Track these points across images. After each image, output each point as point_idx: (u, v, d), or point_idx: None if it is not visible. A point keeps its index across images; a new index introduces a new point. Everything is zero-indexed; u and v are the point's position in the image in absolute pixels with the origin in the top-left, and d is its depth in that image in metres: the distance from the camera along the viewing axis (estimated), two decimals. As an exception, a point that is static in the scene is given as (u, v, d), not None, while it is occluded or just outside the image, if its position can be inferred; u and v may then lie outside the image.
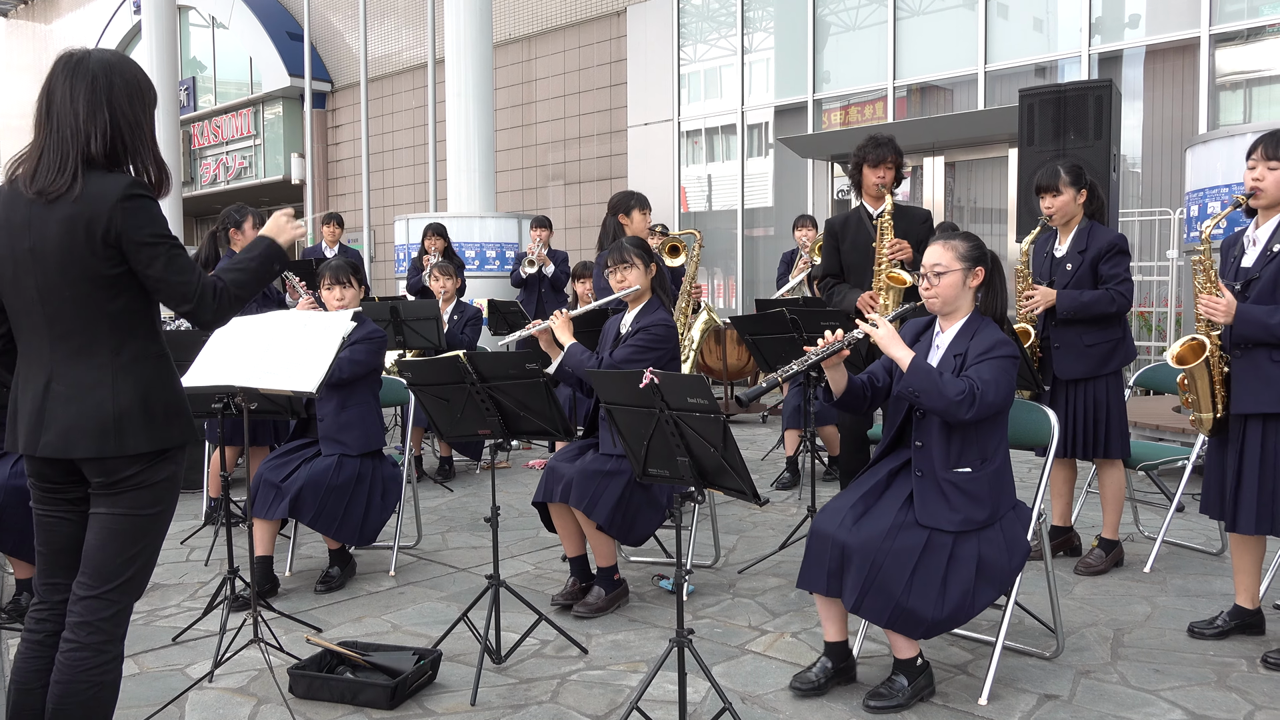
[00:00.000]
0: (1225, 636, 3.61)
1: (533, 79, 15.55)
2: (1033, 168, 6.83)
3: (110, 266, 2.24)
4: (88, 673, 2.28)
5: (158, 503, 2.34)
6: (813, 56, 12.29)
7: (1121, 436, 4.35)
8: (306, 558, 4.85)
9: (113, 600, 2.30)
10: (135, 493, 2.29)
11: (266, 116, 20.17)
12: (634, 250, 4.13)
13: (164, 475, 2.33)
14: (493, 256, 11.17)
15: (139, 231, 2.23)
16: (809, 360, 3.06)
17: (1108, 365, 4.28)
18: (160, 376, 2.34)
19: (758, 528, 5.32)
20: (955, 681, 3.29)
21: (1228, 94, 9.65)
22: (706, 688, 3.20)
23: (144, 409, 2.28)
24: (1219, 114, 9.61)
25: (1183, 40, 9.68)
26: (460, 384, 3.43)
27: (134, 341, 2.31)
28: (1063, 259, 4.35)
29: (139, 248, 2.24)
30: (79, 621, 2.29)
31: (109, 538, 2.29)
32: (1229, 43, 9.53)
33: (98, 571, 2.29)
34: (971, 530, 3.02)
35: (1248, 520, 3.42)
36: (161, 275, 2.26)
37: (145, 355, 2.32)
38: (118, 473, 2.27)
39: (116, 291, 2.27)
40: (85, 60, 2.27)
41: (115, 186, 2.23)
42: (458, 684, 3.33)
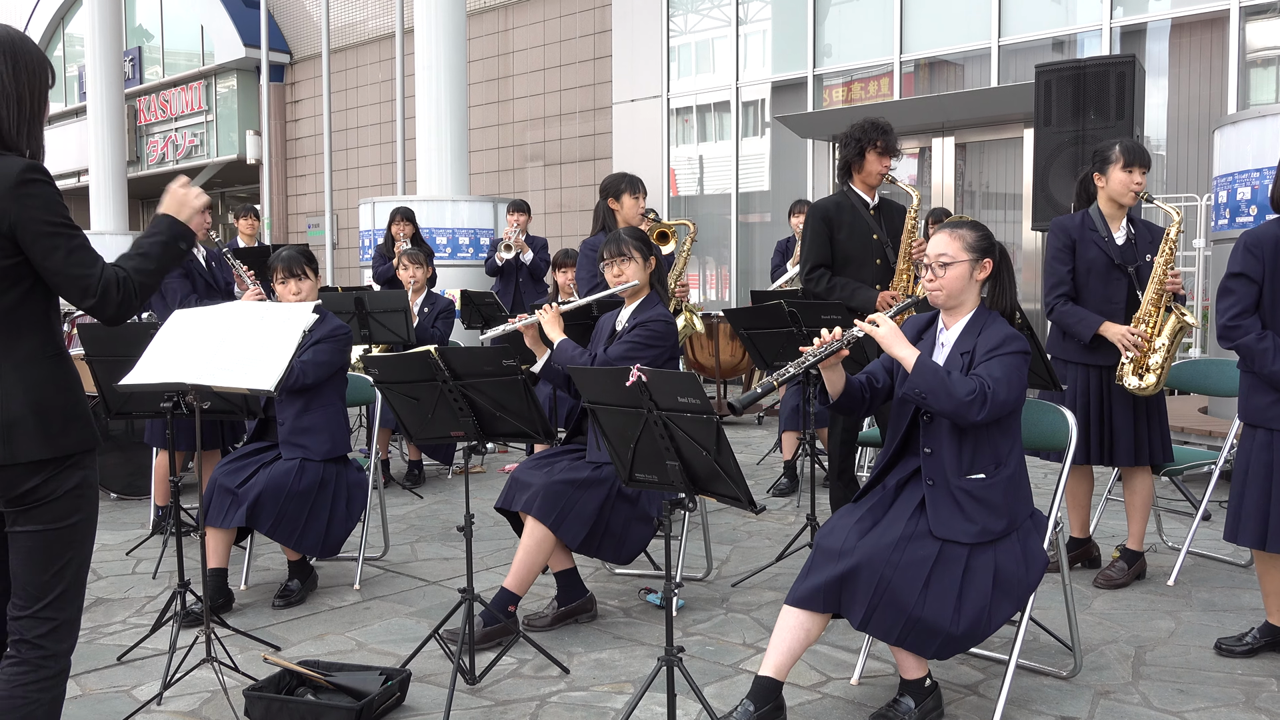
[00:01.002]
0: (1254, 654, 3.64)
1: (510, 51, 15.52)
2: (1049, 150, 6.88)
3: (2, 257, 2.22)
4: (23, 688, 2.30)
5: (74, 512, 2.34)
6: (813, 28, 12.31)
7: (1166, 441, 4.39)
8: (264, 570, 4.84)
9: (47, 618, 2.33)
10: (46, 506, 2.29)
11: (219, 90, 20.09)
12: (633, 243, 4.13)
13: (73, 483, 2.33)
14: (466, 243, 11.15)
15: (37, 220, 2.21)
16: (806, 362, 3.06)
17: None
18: (55, 378, 2.31)
19: (753, 537, 5.34)
20: (965, 703, 3.31)
21: (1259, 71, 9.71)
22: (698, 710, 3.21)
23: (37, 414, 2.26)
24: (1250, 92, 9.67)
25: (1212, 13, 9.73)
26: (431, 382, 3.43)
27: (27, 340, 2.29)
28: (1127, 246, 4.30)
29: (36, 238, 2.21)
30: (17, 640, 2.32)
31: (29, 555, 2.30)
32: (1261, 15, 9.59)
33: (26, 591, 2.31)
34: (988, 541, 3.04)
35: (1245, 533, 3.49)
36: (60, 268, 2.24)
37: (39, 355, 2.30)
38: (17, 485, 2.26)
39: (9, 284, 2.25)
40: None
41: (10, 170, 2.20)
42: (428, 706, 3.33)
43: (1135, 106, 6.79)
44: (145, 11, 21.58)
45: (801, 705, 3.30)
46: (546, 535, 3.82)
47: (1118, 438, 4.32)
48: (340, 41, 17.65)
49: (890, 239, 4.93)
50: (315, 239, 18.04)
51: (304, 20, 18.79)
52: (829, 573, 3.02)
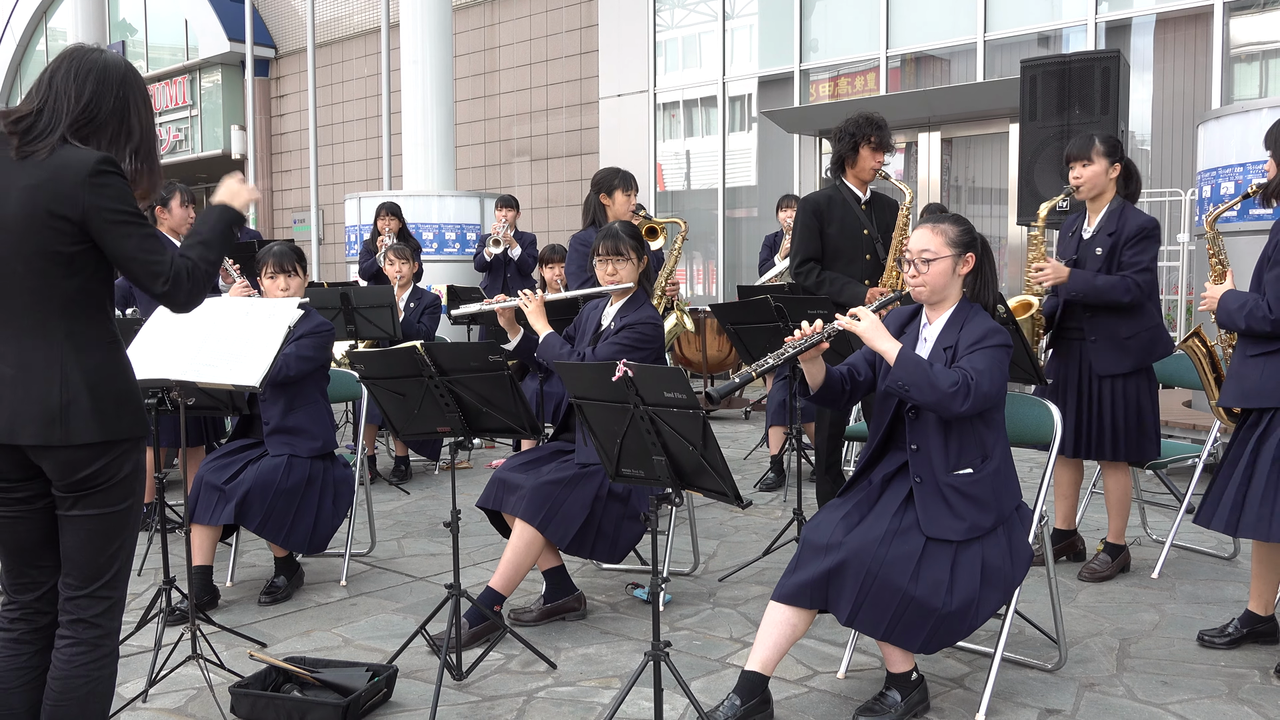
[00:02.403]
0: (1237, 645, 3.67)
1: (496, 46, 15.49)
2: (1035, 145, 6.90)
3: (70, 243, 2.28)
4: (84, 668, 2.39)
5: (127, 497, 2.42)
6: (799, 23, 12.31)
7: (1155, 438, 4.41)
8: (249, 567, 4.83)
9: (103, 597, 2.42)
10: (104, 492, 2.36)
11: (204, 85, 19.98)
12: (630, 242, 4.12)
13: (127, 471, 2.41)
14: (452, 238, 11.13)
15: (109, 209, 2.28)
16: (785, 353, 3.07)
17: (1149, 357, 4.34)
18: (111, 364, 2.38)
19: (740, 532, 5.35)
20: (951, 696, 3.33)
21: (1243, 66, 9.76)
22: (685, 704, 3.22)
23: (93, 397, 2.32)
24: (1234, 87, 9.72)
25: (1196, 8, 9.78)
26: (417, 377, 3.42)
27: (85, 326, 2.35)
28: (1091, 240, 4.38)
29: (109, 225, 2.29)
30: (73, 619, 2.40)
31: (87, 539, 2.38)
32: (1245, 11, 9.64)
33: (82, 572, 2.40)
34: (975, 537, 3.05)
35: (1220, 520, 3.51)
36: (134, 254, 2.32)
37: (98, 340, 2.36)
38: (76, 470, 2.32)
39: (73, 270, 2.31)
40: (91, 54, 2.39)
41: (86, 159, 2.28)
42: (415, 703, 3.33)
43: (1120, 101, 6.81)
44: (129, 6, 21.44)
45: (788, 699, 3.31)
46: (535, 537, 3.82)
47: (1103, 433, 4.35)
48: (325, 36, 17.57)
49: (881, 234, 4.92)
50: (301, 234, 17.97)
51: (289, 15, 18.70)
52: (815, 568, 3.03)
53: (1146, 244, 4.28)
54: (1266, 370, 3.39)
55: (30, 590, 2.44)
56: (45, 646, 2.45)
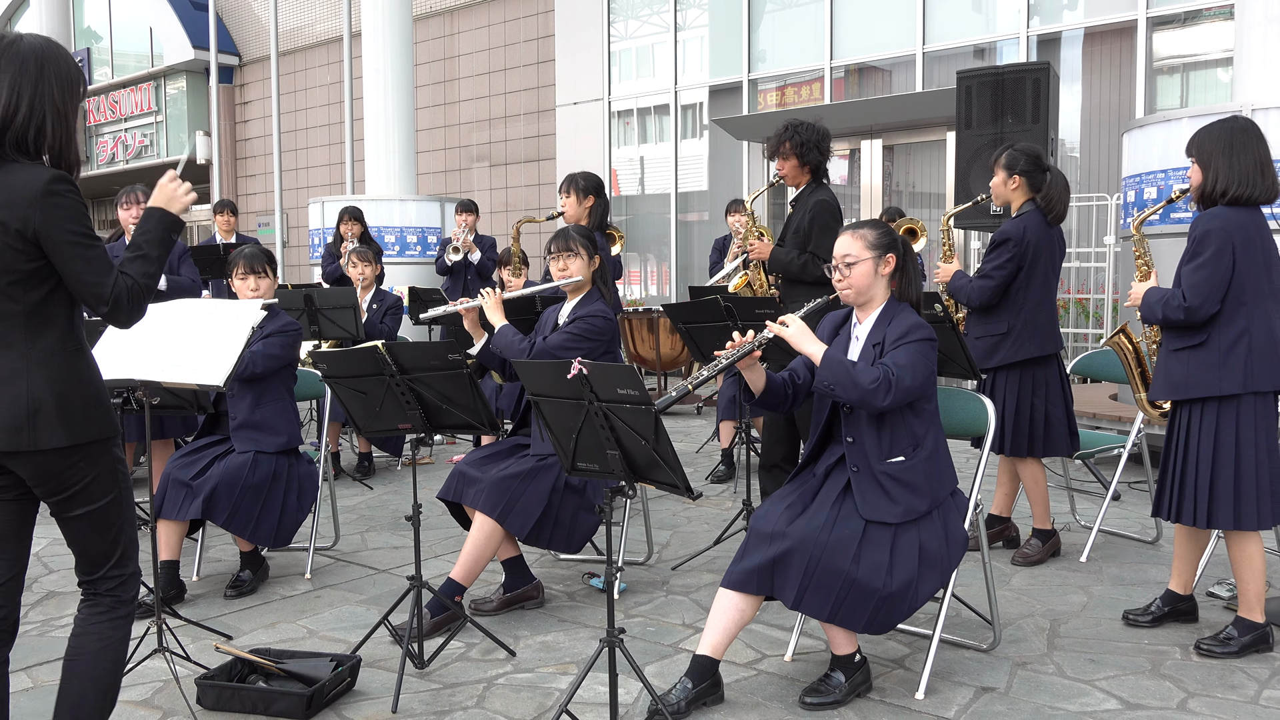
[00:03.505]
0: (1159, 624, 3.75)
1: (455, 55, 15.39)
2: (970, 152, 6.99)
3: (27, 260, 2.28)
4: (95, 625, 2.48)
5: (111, 489, 2.45)
6: (748, 35, 12.36)
7: (1017, 435, 4.44)
8: (215, 561, 4.77)
9: (115, 576, 2.51)
10: (86, 491, 2.40)
11: (169, 91, 19.66)
12: (580, 240, 4.13)
13: (104, 466, 2.43)
14: (414, 241, 11.05)
15: (60, 229, 2.27)
16: (719, 365, 3.09)
17: (990, 359, 4.43)
18: (77, 372, 2.38)
19: (692, 523, 5.37)
20: (892, 676, 3.36)
21: (1164, 78, 9.95)
22: (639, 688, 3.23)
23: (59, 403, 2.32)
24: (1156, 98, 9.90)
25: (1121, 23, 9.95)
26: (379, 376, 3.40)
27: (50, 335, 2.34)
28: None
29: (59, 246, 2.28)
30: (91, 594, 2.50)
31: (86, 533, 2.45)
32: (1166, 26, 9.83)
33: (91, 560, 2.48)
34: (911, 520, 3.09)
35: (1163, 508, 3.58)
36: (79, 276, 2.31)
37: (62, 349, 2.36)
38: (49, 475, 2.35)
39: (33, 285, 2.30)
40: (16, 43, 2.31)
41: (37, 179, 2.26)
42: (378, 691, 3.31)
43: (1050, 111, 6.92)
44: (94, 13, 21.04)
45: (738, 682, 3.33)
46: (495, 529, 3.81)
47: (1019, 429, 4.44)
48: (289, 44, 17.37)
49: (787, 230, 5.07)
50: (265, 237, 17.74)
51: (252, 23, 18.45)
52: (762, 556, 3.05)
53: (997, 252, 4.37)
54: (1193, 363, 3.45)
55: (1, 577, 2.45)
56: (6, 641, 2.49)
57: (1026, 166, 4.44)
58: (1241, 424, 3.42)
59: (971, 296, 4.41)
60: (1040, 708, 3.12)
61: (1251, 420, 3.42)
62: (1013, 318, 4.40)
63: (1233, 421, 3.42)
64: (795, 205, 4.95)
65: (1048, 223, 4.41)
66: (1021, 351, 4.40)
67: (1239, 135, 3.45)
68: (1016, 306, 4.39)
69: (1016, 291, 4.38)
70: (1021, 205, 4.46)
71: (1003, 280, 4.35)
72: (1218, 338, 3.41)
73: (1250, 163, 3.42)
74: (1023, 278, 4.37)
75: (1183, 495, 3.50)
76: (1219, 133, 3.48)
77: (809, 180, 4.89)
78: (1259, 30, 6.40)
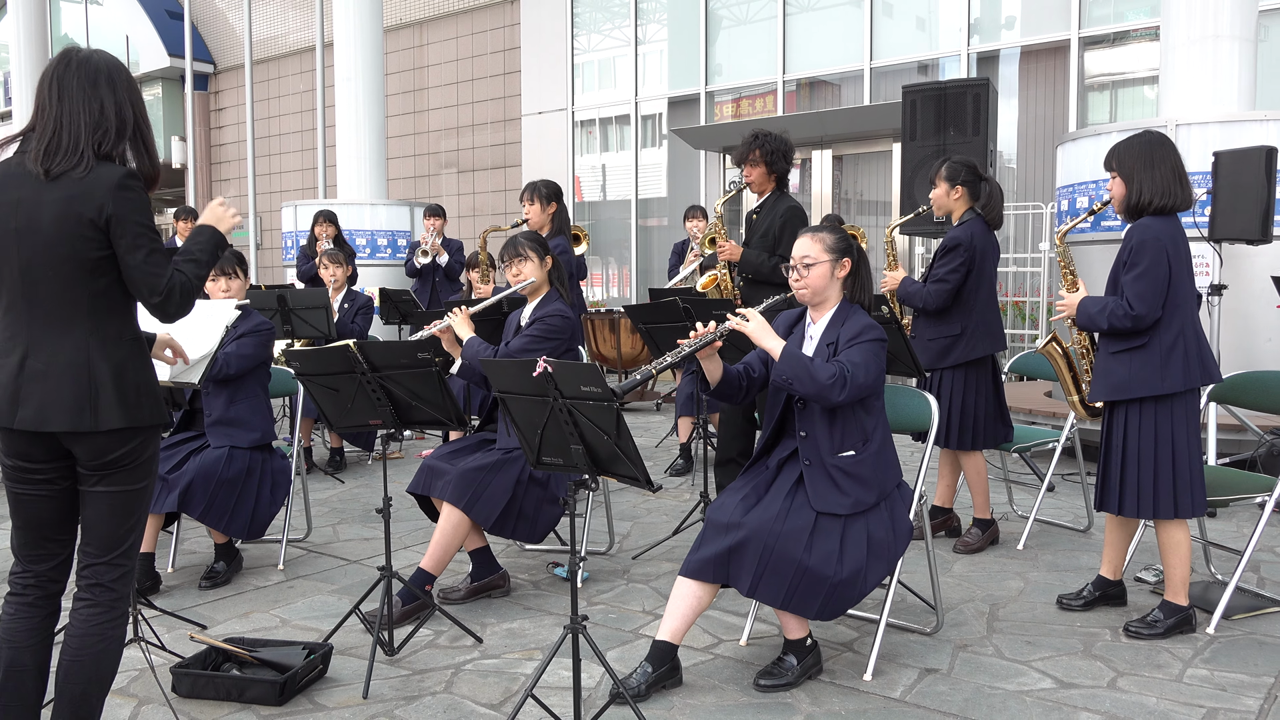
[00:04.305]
0: (1091, 608, 3.80)
1: (425, 65, 15.28)
2: (915, 162, 7.05)
3: (97, 249, 2.34)
4: (99, 627, 2.44)
5: (145, 478, 2.48)
6: (705, 49, 12.39)
7: (963, 430, 4.48)
8: (190, 553, 4.69)
9: (119, 564, 2.48)
10: (126, 472, 2.42)
11: (145, 98, 19.29)
12: (528, 244, 4.12)
13: (149, 454, 2.47)
14: (384, 244, 10.95)
15: (129, 219, 2.34)
16: (681, 352, 3.09)
17: (944, 360, 4.46)
18: (135, 356, 2.44)
19: (652, 514, 5.37)
20: (842, 659, 3.38)
21: (1095, 94, 10.10)
22: (601, 673, 3.22)
23: (118, 387, 2.37)
24: (1088, 113, 10.05)
25: (1055, 42, 10.08)
26: (351, 374, 3.36)
27: (111, 322, 2.40)
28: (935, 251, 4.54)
29: (125, 234, 2.34)
30: (91, 584, 2.46)
31: (109, 513, 2.44)
32: (1097, 46, 9.98)
33: (102, 541, 2.45)
34: (860, 512, 3.11)
35: (1108, 502, 3.61)
36: (140, 264, 2.36)
37: (121, 336, 2.42)
38: (105, 454, 2.38)
39: (100, 273, 2.36)
40: (93, 58, 2.42)
41: (113, 173, 2.35)
42: (349, 678, 3.27)
43: (989, 124, 7.00)
44: (71, 21, 20.61)
45: (695, 665, 3.33)
46: (462, 519, 3.78)
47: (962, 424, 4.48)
48: (263, 53, 17.13)
49: (750, 235, 5.14)
50: (239, 240, 17.50)
51: (227, 33, 18.18)
52: (719, 546, 3.06)
53: (949, 257, 4.41)
54: (1135, 364, 3.47)
55: (45, 561, 2.49)
56: (54, 612, 2.51)
57: (967, 177, 4.49)
58: (1176, 419, 3.47)
59: (928, 301, 4.43)
60: (980, 687, 3.15)
61: (1184, 416, 3.48)
62: (965, 319, 4.44)
63: (1169, 417, 3.47)
64: (760, 211, 4.97)
65: (989, 228, 4.47)
66: (975, 350, 4.45)
67: (1157, 149, 3.50)
68: (969, 308, 4.44)
69: (968, 294, 4.43)
70: (963, 214, 4.51)
71: (956, 284, 4.39)
72: (1158, 340, 3.45)
73: (1169, 173, 3.47)
74: (973, 280, 4.42)
75: (1124, 489, 3.54)
76: (1138, 147, 3.52)
77: (774, 187, 4.91)
78: (1182, 50, 6.51)
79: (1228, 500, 3.75)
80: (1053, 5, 10.09)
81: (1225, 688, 3.12)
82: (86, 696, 2.43)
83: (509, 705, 3.05)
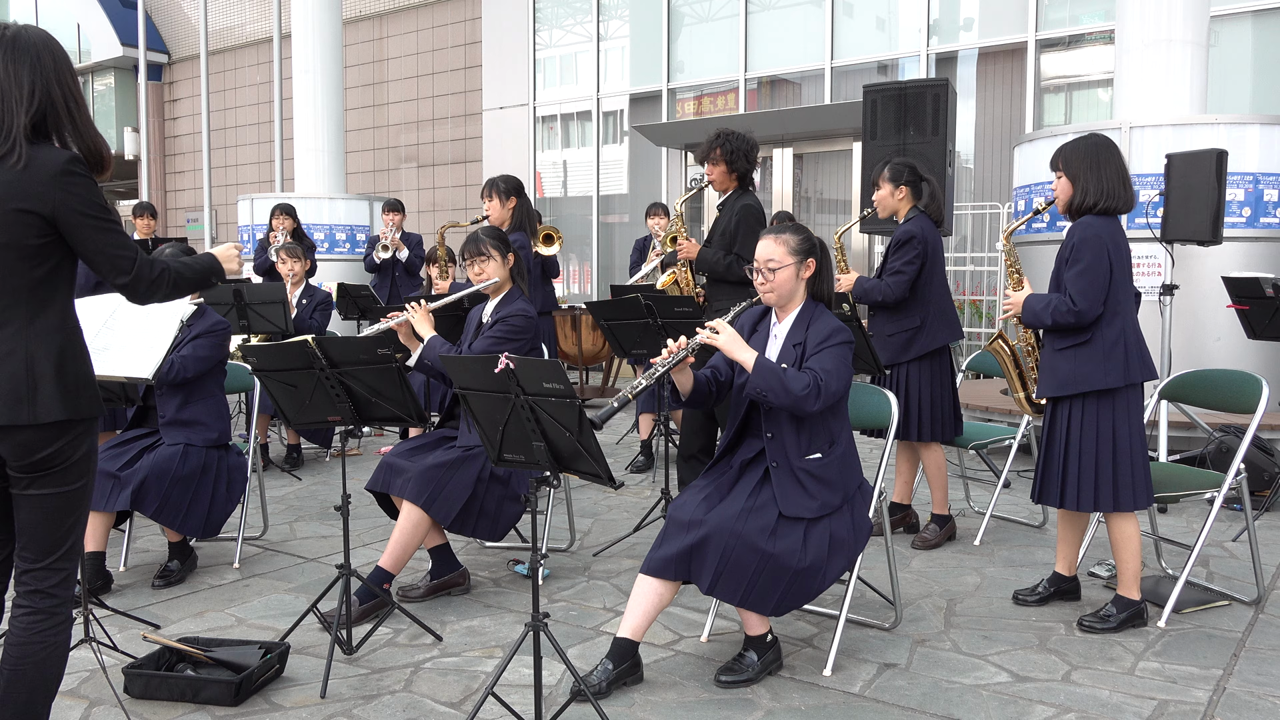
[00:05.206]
0: (1045, 603, 3.85)
1: (384, 58, 15.13)
2: (875, 161, 7.09)
3: (37, 236, 2.26)
4: (41, 634, 2.35)
5: (81, 476, 2.38)
6: (667, 46, 12.39)
7: (932, 422, 4.54)
8: (143, 552, 4.61)
9: (58, 568, 2.39)
10: (59, 472, 2.32)
11: (96, 88, 18.95)
12: (490, 242, 4.08)
13: (83, 451, 2.37)
14: (343, 239, 10.85)
15: (79, 206, 2.27)
16: (657, 373, 3.09)
17: (906, 353, 4.51)
18: (73, 348, 2.35)
19: (612, 510, 5.36)
20: (802, 654, 3.40)
21: (1051, 96, 10.24)
22: (562, 670, 3.21)
23: (59, 378, 2.29)
24: (1044, 115, 10.19)
25: (1012, 44, 10.21)
26: (309, 370, 3.31)
27: (50, 311, 2.32)
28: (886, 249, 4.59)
29: (77, 226, 2.27)
30: (30, 590, 2.37)
31: (45, 516, 2.34)
32: (1053, 48, 10.11)
33: (40, 546, 2.36)
34: (825, 514, 3.12)
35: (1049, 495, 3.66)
36: (101, 248, 2.30)
37: (60, 326, 2.33)
38: (34, 451, 2.28)
39: (39, 261, 2.28)
40: (22, 35, 2.31)
41: (55, 160, 2.26)
42: (307, 677, 3.23)
43: (948, 124, 7.06)
44: (18, 7, 20.13)
45: (656, 662, 3.34)
46: (422, 517, 3.75)
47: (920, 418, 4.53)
48: (219, 44, 16.88)
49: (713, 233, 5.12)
50: (194, 233, 17.24)
51: (182, 22, 17.89)
52: (680, 544, 3.06)
53: (902, 250, 4.47)
54: (1079, 360, 3.53)
55: None
56: None
57: (910, 178, 4.57)
58: (1118, 414, 3.53)
59: (886, 293, 4.47)
60: (938, 681, 3.18)
61: (1126, 410, 3.54)
62: (924, 311, 4.50)
63: (1111, 411, 3.53)
64: (722, 209, 4.98)
65: (934, 225, 4.55)
66: (936, 340, 4.51)
67: (1103, 151, 3.57)
68: (925, 300, 4.50)
69: (923, 286, 4.48)
70: (908, 212, 4.57)
71: (912, 275, 4.45)
72: (1101, 336, 3.51)
73: (1114, 176, 3.54)
74: (927, 273, 4.48)
75: (1065, 482, 3.59)
76: (1084, 149, 3.58)
77: (736, 186, 4.93)
78: (1136, 54, 6.62)
79: (1178, 496, 3.81)
80: (1010, 8, 10.22)
81: (1176, 680, 3.18)
82: (31, 704, 2.36)
83: (469, 704, 3.04)
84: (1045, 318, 3.56)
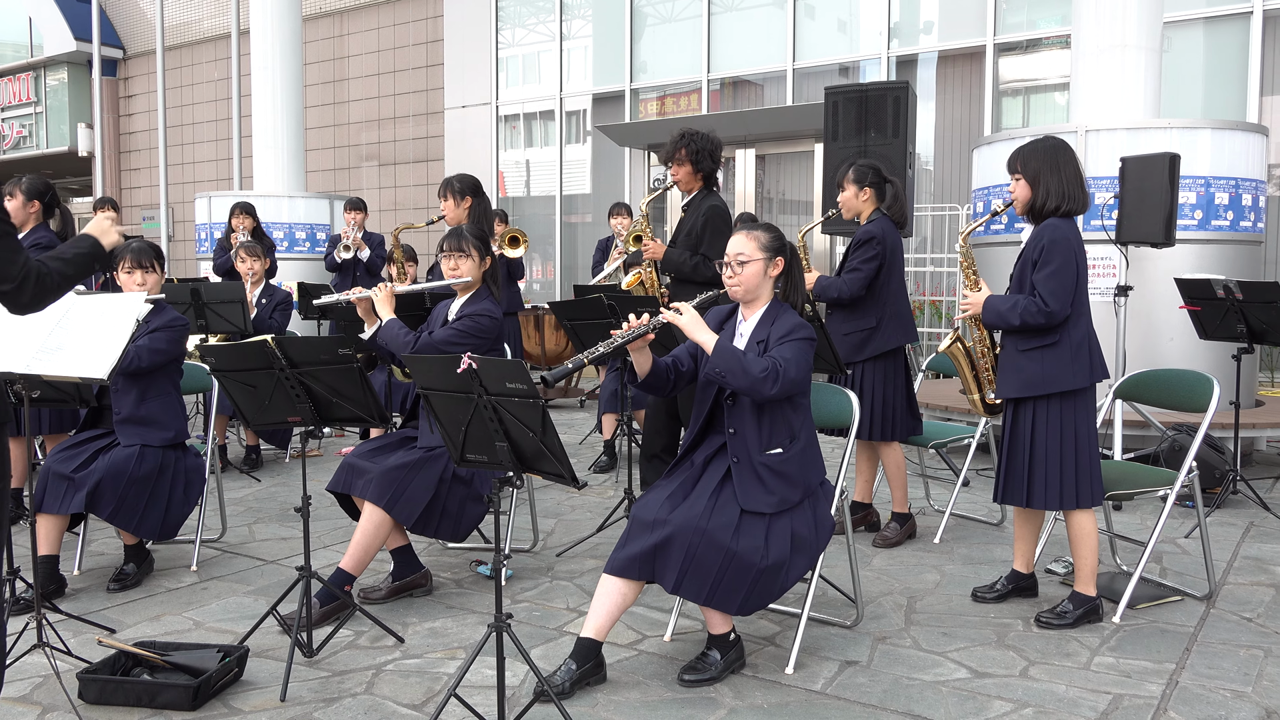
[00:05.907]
0: (1004, 600, 3.90)
1: (345, 55, 15.00)
2: (836, 162, 7.14)
3: None
4: None
5: None
6: (630, 46, 12.40)
7: (884, 421, 4.58)
8: (98, 555, 4.54)
9: None
10: None
11: (49, 83, 18.60)
12: (472, 241, 4.06)
13: None
14: (303, 238, 10.73)
15: None
16: (615, 342, 3.09)
17: (861, 353, 4.56)
18: None
19: (575, 511, 5.36)
20: (764, 653, 3.42)
21: (1009, 99, 10.38)
22: (525, 671, 3.21)
23: None
24: (1002, 117, 10.33)
25: (971, 48, 10.34)
26: (269, 370, 3.28)
27: None
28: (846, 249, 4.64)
29: None
30: None
31: None
32: (1011, 52, 10.25)
33: None
34: (785, 510, 3.14)
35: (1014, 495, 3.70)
36: None
37: None
38: None
39: None
40: None
41: None
42: (267, 680, 3.20)
43: (908, 126, 7.13)
44: (-32, 0, 19.76)
45: (620, 662, 3.34)
46: (384, 519, 3.72)
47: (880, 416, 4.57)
48: (175, 39, 16.63)
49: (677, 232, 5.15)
50: (150, 231, 16.98)
51: (137, 17, 17.61)
52: (644, 543, 3.07)
53: (861, 249, 4.52)
54: (1047, 361, 3.56)
55: None
56: None
57: (874, 179, 4.61)
58: (1079, 414, 3.59)
59: (843, 290, 4.51)
60: (899, 678, 3.21)
61: (1085, 410, 3.60)
62: (880, 311, 4.54)
63: (1073, 411, 3.58)
64: (687, 210, 4.99)
65: (896, 226, 4.60)
66: (890, 341, 4.55)
67: (1060, 153, 3.61)
68: (882, 301, 4.54)
69: (880, 287, 4.53)
70: (871, 214, 4.61)
71: (869, 273, 4.48)
72: (1068, 337, 3.55)
73: (1072, 178, 3.59)
74: (885, 274, 4.52)
75: (1032, 482, 3.63)
76: (1043, 151, 3.62)
77: (701, 186, 4.94)
78: (1092, 59, 6.73)
79: (1132, 494, 3.88)
80: (969, 11, 10.34)
81: (1130, 674, 3.24)
82: None
83: (431, 705, 3.02)
84: (1012, 318, 3.58)
